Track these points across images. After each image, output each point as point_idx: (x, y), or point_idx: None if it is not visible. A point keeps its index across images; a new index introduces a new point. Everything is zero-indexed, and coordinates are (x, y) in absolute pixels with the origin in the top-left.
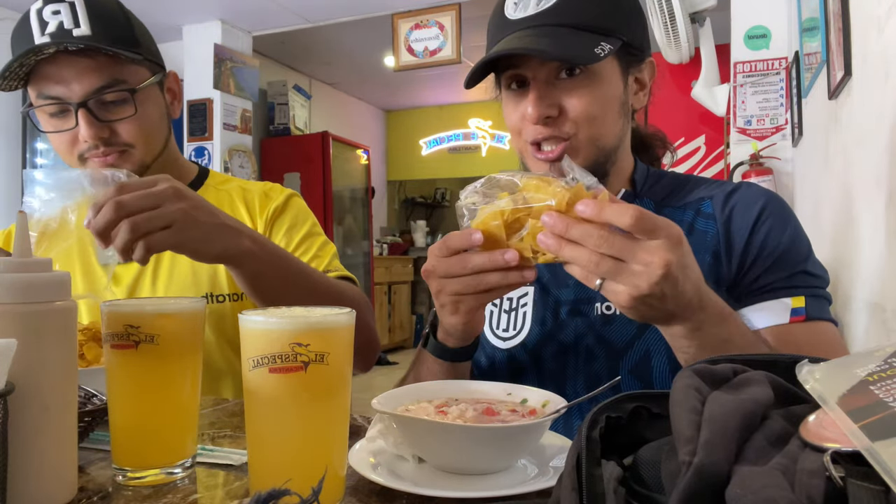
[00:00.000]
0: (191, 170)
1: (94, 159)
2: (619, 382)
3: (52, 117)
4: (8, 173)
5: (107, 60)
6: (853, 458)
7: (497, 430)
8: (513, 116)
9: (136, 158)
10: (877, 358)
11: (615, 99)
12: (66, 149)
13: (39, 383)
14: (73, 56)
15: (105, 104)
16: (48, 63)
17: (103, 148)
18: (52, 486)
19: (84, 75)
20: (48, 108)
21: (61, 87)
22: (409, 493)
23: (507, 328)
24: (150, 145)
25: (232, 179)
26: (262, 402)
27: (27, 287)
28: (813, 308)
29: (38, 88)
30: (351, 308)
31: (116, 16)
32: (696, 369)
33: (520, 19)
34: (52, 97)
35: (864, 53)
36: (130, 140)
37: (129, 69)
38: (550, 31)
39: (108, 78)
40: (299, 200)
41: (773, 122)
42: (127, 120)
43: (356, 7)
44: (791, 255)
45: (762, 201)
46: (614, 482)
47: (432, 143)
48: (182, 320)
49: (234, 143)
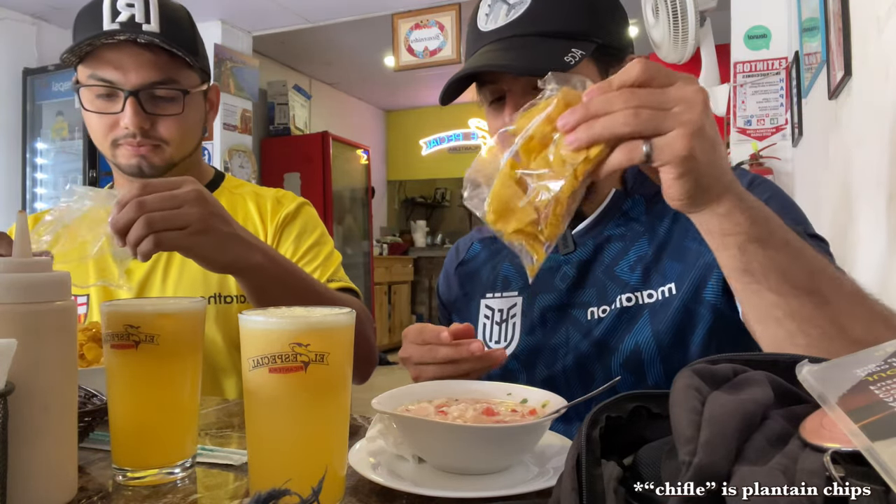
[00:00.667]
0: (208, 173)
1: (127, 147)
2: (618, 382)
3: (99, 98)
4: (8, 173)
5: (167, 59)
6: (853, 458)
7: (497, 430)
8: (493, 128)
9: (166, 155)
10: (877, 358)
11: None
12: (102, 131)
13: (39, 383)
14: (137, 47)
15: (154, 98)
16: (111, 48)
17: (140, 138)
18: (52, 486)
19: (143, 67)
20: (99, 89)
21: (118, 73)
22: (409, 493)
23: (499, 339)
24: (183, 145)
25: (246, 184)
26: (263, 402)
27: (27, 287)
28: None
29: (92, 69)
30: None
31: (184, 22)
32: (696, 369)
33: (490, 31)
34: (107, 80)
35: (864, 53)
36: (167, 136)
37: (183, 72)
38: (519, 42)
39: (164, 75)
40: (310, 209)
41: (773, 122)
42: (171, 117)
43: (356, 7)
44: (790, 215)
45: (747, 179)
46: (614, 482)
47: (432, 143)
48: (182, 320)
49: (234, 143)
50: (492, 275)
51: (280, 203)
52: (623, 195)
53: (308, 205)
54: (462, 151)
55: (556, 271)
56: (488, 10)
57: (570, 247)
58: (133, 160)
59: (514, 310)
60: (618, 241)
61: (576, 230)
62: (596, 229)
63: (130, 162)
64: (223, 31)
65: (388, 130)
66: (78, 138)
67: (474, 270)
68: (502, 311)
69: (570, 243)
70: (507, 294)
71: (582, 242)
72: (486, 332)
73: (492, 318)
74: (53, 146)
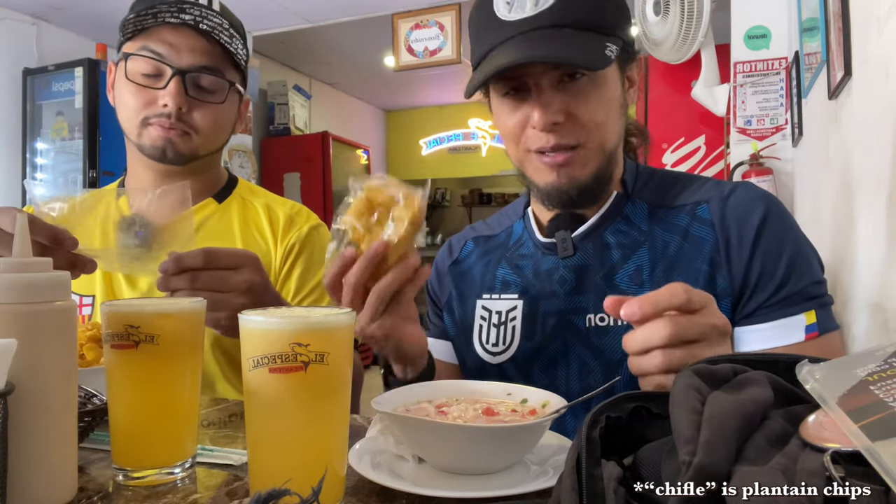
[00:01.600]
0: (223, 176)
1: (157, 127)
2: (617, 383)
3: (143, 74)
4: (8, 173)
5: (220, 50)
6: (853, 458)
7: (497, 430)
8: (509, 123)
9: (194, 144)
10: (877, 358)
11: (616, 101)
12: (137, 105)
13: (39, 383)
14: (196, 32)
15: (198, 85)
16: (169, 28)
17: (173, 120)
18: (52, 486)
19: (197, 51)
20: (147, 64)
21: (172, 50)
22: (409, 493)
23: (497, 342)
24: (211, 139)
25: (258, 192)
26: (262, 402)
27: (27, 287)
28: (824, 321)
29: (146, 42)
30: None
31: (241, 29)
32: (696, 369)
33: (517, 21)
34: (159, 54)
35: (864, 53)
36: (200, 125)
37: (231, 69)
38: (554, 32)
39: (215, 64)
40: (322, 233)
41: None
42: (209, 105)
43: (356, 7)
44: (800, 267)
45: (762, 209)
46: (614, 482)
47: (432, 143)
48: (182, 320)
49: (234, 143)
50: (488, 275)
51: (293, 223)
52: (624, 198)
53: (321, 227)
54: (462, 151)
55: (554, 275)
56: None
57: (569, 250)
58: (160, 142)
59: (513, 313)
60: (617, 248)
61: (576, 233)
62: (596, 233)
63: (156, 144)
64: None
65: (388, 130)
66: (78, 138)
67: (468, 269)
68: (500, 314)
69: (570, 247)
70: (506, 296)
71: (582, 246)
72: (483, 333)
73: (489, 319)
74: (53, 146)
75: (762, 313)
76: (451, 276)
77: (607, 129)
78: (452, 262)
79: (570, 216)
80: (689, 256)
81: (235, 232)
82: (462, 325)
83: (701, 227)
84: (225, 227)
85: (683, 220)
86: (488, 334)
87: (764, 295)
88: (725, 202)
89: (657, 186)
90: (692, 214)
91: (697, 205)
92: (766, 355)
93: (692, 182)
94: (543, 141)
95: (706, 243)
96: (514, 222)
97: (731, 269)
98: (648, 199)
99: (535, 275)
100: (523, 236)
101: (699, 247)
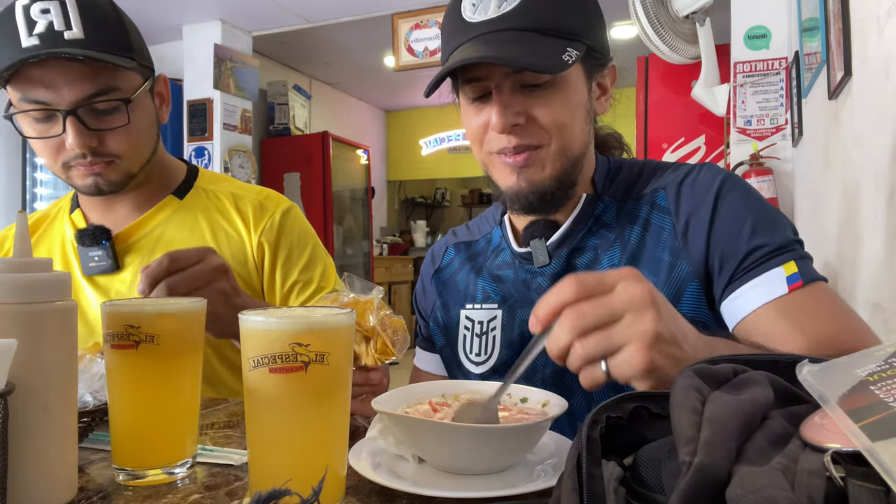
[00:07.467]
0: (179, 170)
1: (79, 168)
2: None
3: (37, 122)
4: (8, 173)
5: (100, 67)
6: (853, 458)
7: (497, 430)
8: (473, 125)
9: (122, 169)
10: (877, 358)
11: (581, 106)
12: (50, 155)
13: (39, 383)
14: (65, 60)
15: (95, 112)
16: (36, 66)
17: (90, 157)
18: (52, 486)
19: (76, 82)
20: (35, 113)
21: (49, 91)
22: (409, 493)
23: (479, 352)
24: (138, 155)
25: (222, 179)
26: (263, 402)
27: (27, 287)
28: (805, 270)
29: (22, 91)
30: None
31: (109, 17)
32: (697, 369)
33: (480, 22)
34: (39, 101)
35: (864, 53)
36: (119, 151)
37: (122, 75)
38: (515, 35)
39: (102, 85)
40: (297, 216)
41: (773, 122)
42: (117, 130)
43: (356, 7)
44: (766, 229)
45: (717, 184)
46: (614, 482)
47: (432, 143)
48: (182, 320)
49: (234, 144)
50: (471, 285)
51: (263, 209)
52: (594, 198)
53: (294, 210)
54: (462, 151)
55: (531, 283)
56: (475, 0)
57: (544, 259)
58: (88, 180)
59: (493, 322)
60: (591, 251)
61: (550, 241)
62: (569, 240)
63: (86, 182)
64: (223, 31)
65: (388, 130)
66: None
67: (450, 277)
68: (482, 324)
69: (545, 255)
70: (486, 306)
71: (556, 254)
72: (467, 343)
73: (472, 329)
74: None
75: (738, 278)
76: (435, 286)
77: (570, 133)
78: (435, 270)
79: (543, 223)
80: (650, 247)
81: (202, 226)
82: (447, 335)
83: (659, 214)
84: (191, 223)
85: (644, 211)
86: (472, 344)
87: (734, 262)
88: (680, 186)
89: (624, 180)
90: (651, 203)
91: (655, 192)
92: (766, 355)
93: (656, 170)
94: (504, 142)
95: (664, 231)
96: (493, 228)
97: (690, 252)
98: (616, 194)
99: (513, 284)
100: (501, 244)
101: (658, 236)
